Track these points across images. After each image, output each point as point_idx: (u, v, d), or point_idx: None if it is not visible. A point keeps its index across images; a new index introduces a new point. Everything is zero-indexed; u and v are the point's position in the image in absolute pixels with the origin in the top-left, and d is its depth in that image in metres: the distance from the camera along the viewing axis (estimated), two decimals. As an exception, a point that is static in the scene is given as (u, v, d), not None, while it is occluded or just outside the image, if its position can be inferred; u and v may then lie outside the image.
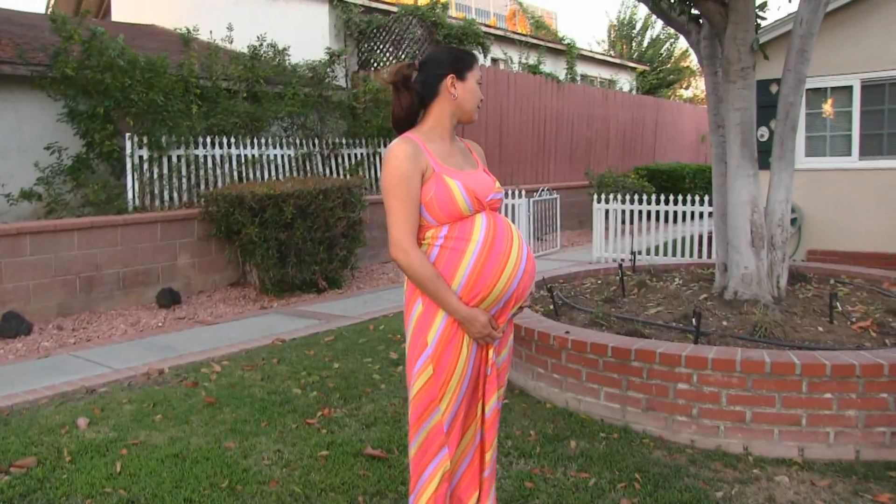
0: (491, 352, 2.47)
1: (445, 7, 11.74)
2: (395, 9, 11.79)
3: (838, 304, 4.70)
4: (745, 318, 4.65)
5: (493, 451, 2.57)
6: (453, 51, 2.57)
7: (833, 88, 8.41)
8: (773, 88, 7.56)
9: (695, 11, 5.44)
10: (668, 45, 24.61)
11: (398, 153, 2.34)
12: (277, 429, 3.98)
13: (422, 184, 2.36)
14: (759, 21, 4.80)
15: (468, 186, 2.38)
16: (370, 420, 4.11)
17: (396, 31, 11.37)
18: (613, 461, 3.53)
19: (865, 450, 3.62)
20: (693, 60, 26.24)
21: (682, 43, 31.96)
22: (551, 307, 5.14)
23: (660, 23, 24.61)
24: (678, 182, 14.51)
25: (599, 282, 6.12)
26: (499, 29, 14.49)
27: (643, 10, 24.79)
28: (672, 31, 24.33)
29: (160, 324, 6.65)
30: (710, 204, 9.40)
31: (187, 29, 8.84)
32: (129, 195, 7.63)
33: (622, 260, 9.38)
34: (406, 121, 2.52)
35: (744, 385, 3.67)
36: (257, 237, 7.35)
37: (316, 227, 7.73)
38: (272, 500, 3.15)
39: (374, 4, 11.84)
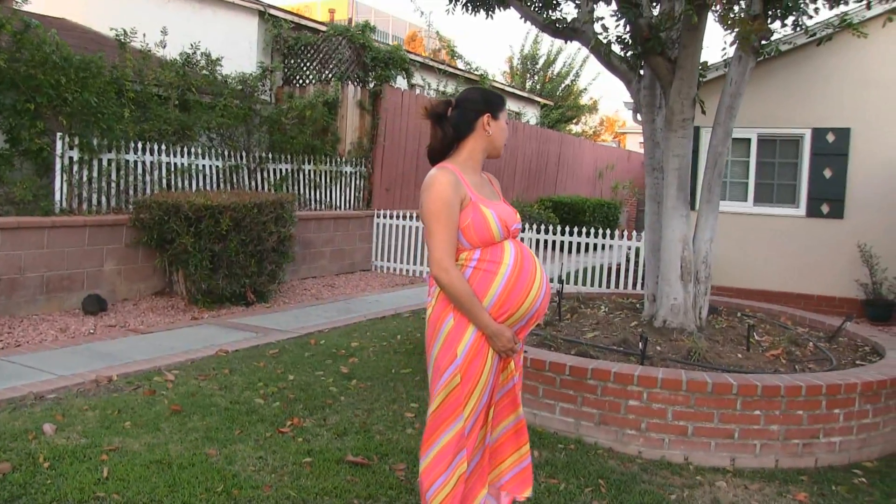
0: (512, 363, 2.76)
1: (373, 30, 12.01)
2: (324, 28, 11.93)
3: (756, 334, 5.31)
4: (675, 345, 5.17)
5: (527, 449, 2.89)
6: (486, 92, 2.85)
7: (735, 139, 9.29)
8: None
9: (629, 60, 6.00)
10: (568, 80, 25.85)
11: (442, 180, 2.60)
12: (252, 437, 4.08)
13: (459, 210, 2.63)
14: (700, 78, 5.39)
15: (500, 216, 2.68)
16: (340, 430, 4.27)
17: (325, 50, 11.51)
18: (576, 469, 3.88)
19: (783, 459, 4.17)
20: (585, 99, 27.68)
21: (582, 81, 33.53)
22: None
23: (561, 59, 25.95)
24: (580, 214, 15.34)
25: (534, 306, 6.51)
26: (419, 55, 14.88)
27: (545, 47, 26.01)
28: (574, 68, 25.66)
29: (91, 331, 6.47)
30: (616, 237, 10.11)
31: (124, 31, 8.63)
32: (57, 197, 7.37)
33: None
34: (440, 152, 2.79)
35: (688, 402, 4.13)
36: (192, 247, 7.29)
37: (249, 240, 7.75)
38: None
39: (304, 22, 11.94)
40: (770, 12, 5.41)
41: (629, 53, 5.64)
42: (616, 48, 5.82)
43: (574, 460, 4.00)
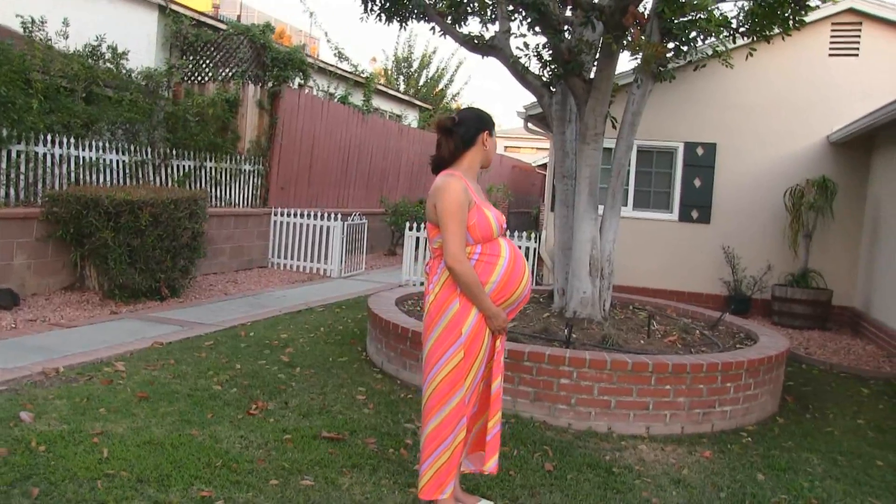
0: (498, 341, 3.29)
1: (273, 30, 12.13)
2: (224, 26, 11.92)
3: (655, 322, 6.13)
4: (587, 332, 5.89)
5: (498, 418, 3.36)
6: (483, 113, 3.38)
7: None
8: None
9: (546, 78, 6.69)
10: (441, 84, 26.62)
11: (456, 186, 3.10)
12: (226, 419, 4.35)
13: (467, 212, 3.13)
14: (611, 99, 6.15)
15: (497, 217, 3.21)
16: (304, 411, 4.63)
17: (225, 48, 11.52)
18: (522, 438, 4.47)
19: (687, 426, 4.95)
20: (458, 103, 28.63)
21: (455, 87, 34.64)
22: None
23: (434, 63, 26.71)
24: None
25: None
26: (310, 57, 15.04)
27: (419, 50, 26.65)
28: (448, 72, 26.50)
29: (13, 325, 6.35)
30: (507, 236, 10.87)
31: (31, 19, 8.34)
32: (-39, 188, 7.11)
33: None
34: (448, 161, 3.28)
35: (611, 380, 4.82)
36: (112, 241, 7.26)
37: (165, 235, 7.79)
38: (271, 475, 3.63)
39: (205, 19, 11.87)
40: (666, 42, 6.27)
41: (548, 72, 6.31)
42: (535, 66, 6.48)
43: (517, 431, 4.58)
